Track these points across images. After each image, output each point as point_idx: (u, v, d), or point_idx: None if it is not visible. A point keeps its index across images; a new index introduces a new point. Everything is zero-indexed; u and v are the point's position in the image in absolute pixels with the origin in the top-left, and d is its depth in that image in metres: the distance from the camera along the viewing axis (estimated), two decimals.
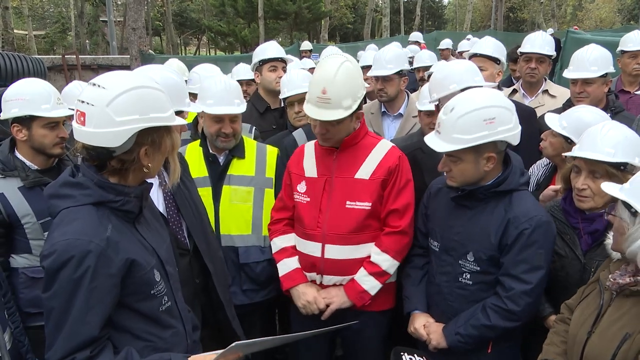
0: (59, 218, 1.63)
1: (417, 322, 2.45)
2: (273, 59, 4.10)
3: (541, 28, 25.19)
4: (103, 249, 1.58)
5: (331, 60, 2.48)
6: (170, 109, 1.72)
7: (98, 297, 1.58)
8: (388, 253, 2.55)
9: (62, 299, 1.56)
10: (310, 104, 2.46)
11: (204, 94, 2.91)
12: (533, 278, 2.16)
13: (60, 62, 12.66)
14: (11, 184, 2.63)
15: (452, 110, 2.16)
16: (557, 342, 2.07)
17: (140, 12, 12.87)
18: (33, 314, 2.66)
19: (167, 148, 1.75)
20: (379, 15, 33.82)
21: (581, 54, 3.40)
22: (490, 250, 2.22)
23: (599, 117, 2.51)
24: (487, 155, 2.16)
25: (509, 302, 2.18)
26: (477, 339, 2.26)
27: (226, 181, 2.94)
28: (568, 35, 7.09)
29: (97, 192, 1.65)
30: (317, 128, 2.52)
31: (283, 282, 2.69)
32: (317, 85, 2.42)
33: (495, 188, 2.23)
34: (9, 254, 2.68)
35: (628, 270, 1.81)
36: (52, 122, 2.67)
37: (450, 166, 2.23)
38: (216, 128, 2.88)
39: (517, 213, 2.18)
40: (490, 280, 2.27)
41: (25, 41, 30.29)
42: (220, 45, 34.08)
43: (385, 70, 3.87)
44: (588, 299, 1.97)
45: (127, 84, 1.64)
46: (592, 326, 1.85)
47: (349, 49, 12.87)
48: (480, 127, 2.11)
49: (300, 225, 2.67)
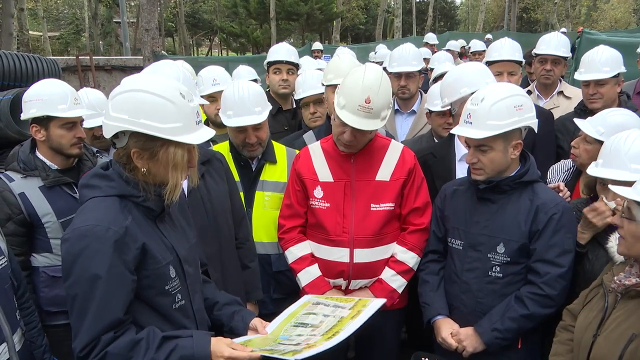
0: (84, 206, 1.70)
1: (443, 332, 2.42)
2: (277, 62, 4.13)
3: (554, 29, 24.98)
4: (121, 236, 1.63)
5: (370, 68, 2.43)
6: (176, 122, 1.66)
7: (118, 280, 1.62)
8: (414, 251, 2.59)
9: (84, 286, 1.59)
10: (348, 112, 2.38)
11: (224, 104, 2.83)
12: (565, 261, 2.22)
13: (74, 63, 12.79)
14: (32, 183, 2.67)
15: (482, 100, 2.25)
16: (562, 352, 2.07)
17: (153, 14, 12.97)
18: (53, 312, 2.70)
19: (164, 160, 1.69)
20: (391, 16, 33.73)
21: (592, 56, 3.39)
22: (522, 238, 2.27)
23: (636, 120, 2.47)
24: (514, 142, 2.27)
25: (545, 287, 2.21)
26: (515, 332, 2.27)
27: (259, 187, 2.88)
28: (583, 36, 7.01)
29: (121, 185, 1.71)
30: (346, 135, 2.44)
31: (308, 291, 2.57)
32: (360, 93, 2.35)
33: (519, 179, 2.31)
34: (30, 253, 2.71)
35: (632, 272, 1.82)
36: (69, 122, 2.69)
37: (479, 157, 2.28)
38: (241, 138, 2.81)
39: (544, 200, 2.27)
40: (520, 270, 2.30)
41: (40, 42, 30.62)
42: (232, 46, 34.18)
43: (410, 66, 3.88)
44: (592, 303, 1.97)
45: (135, 85, 1.69)
46: (597, 329, 1.86)
47: (361, 50, 12.87)
48: (512, 113, 2.23)
49: (323, 232, 2.59)
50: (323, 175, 2.61)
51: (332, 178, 2.59)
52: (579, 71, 3.45)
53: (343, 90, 2.43)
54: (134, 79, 1.74)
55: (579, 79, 3.41)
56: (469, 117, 2.27)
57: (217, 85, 3.59)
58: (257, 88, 2.90)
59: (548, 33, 4.31)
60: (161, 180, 1.74)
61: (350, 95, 2.38)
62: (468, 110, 2.30)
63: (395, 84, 3.94)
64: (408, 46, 4.07)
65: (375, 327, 2.58)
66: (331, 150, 2.63)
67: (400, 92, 3.94)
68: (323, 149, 2.66)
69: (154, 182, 1.75)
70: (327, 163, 2.62)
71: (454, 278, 2.46)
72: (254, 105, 2.77)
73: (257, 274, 2.79)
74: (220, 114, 2.86)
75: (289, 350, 1.77)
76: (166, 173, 1.72)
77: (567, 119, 3.46)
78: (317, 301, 2.31)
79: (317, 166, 2.63)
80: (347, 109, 2.38)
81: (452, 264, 2.49)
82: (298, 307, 2.23)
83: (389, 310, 2.57)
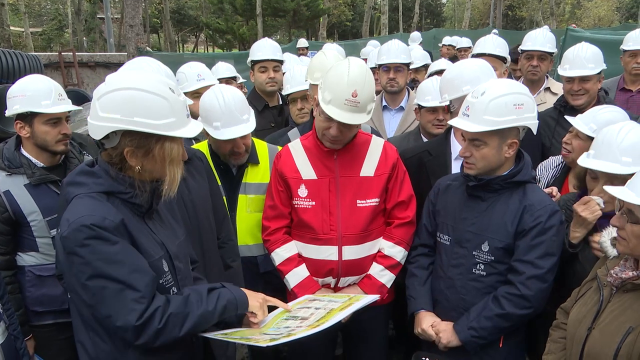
0: (72, 203, 1.67)
1: (424, 323, 2.45)
2: (263, 60, 4.08)
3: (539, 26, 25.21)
4: (117, 225, 1.63)
5: (354, 62, 2.40)
6: (169, 118, 1.66)
7: (132, 251, 1.65)
8: (401, 245, 2.59)
9: (104, 269, 1.59)
10: (334, 107, 2.34)
11: (207, 114, 2.68)
12: (546, 263, 2.21)
13: (57, 59, 12.62)
14: (17, 181, 2.62)
15: (483, 94, 2.23)
16: (554, 350, 2.08)
17: (137, 9, 12.84)
18: (40, 312, 2.66)
19: (159, 156, 1.69)
20: (378, 12, 33.77)
21: (576, 52, 3.41)
22: (507, 239, 2.27)
23: (624, 117, 2.50)
24: (510, 141, 2.24)
25: (522, 287, 2.21)
26: (491, 331, 2.27)
27: (242, 190, 2.84)
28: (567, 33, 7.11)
29: (108, 181, 1.69)
30: (332, 130, 2.41)
31: (297, 292, 2.54)
32: (346, 88, 2.32)
33: (511, 179, 2.29)
34: (15, 251, 2.67)
35: (628, 265, 1.83)
36: (54, 118, 2.64)
37: (473, 151, 2.27)
38: (229, 148, 2.73)
39: (532, 201, 2.25)
40: (503, 270, 2.30)
41: (22, 38, 30.15)
42: (218, 43, 33.98)
43: (399, 59, 3.89)
44: (585, 297, 1.98)
45: (123, 83, 1.65)
46: (592, 322, 1.86)
47: (348, 47, 12.84)
48: (511, 110, 2.19)
49: (309, 231, 2.56)
50: (306, 173, 2.57)
51: (316, 175, 2.55)
52: (562, 67, 3.46)
53: (328, 85, 2.39)
54: (120, 77, 1.71)
55: (564, 75, 3.42)
56: (467, 109, 2.26)
57: (202, 81, 3.51)
58: (239, 94, 2.79)
59: (534, 30, 4.35)
60: (157, 176, 1.74)
61: (336, 90, 2.34)
62: (467, 102, 2.28)
63: (385, 77, 3.97)
64: (396, 41, 4.10)
65: (362, 322, 2.60)
66: (313, 147, 2.59)
67: (389, 85, 3.94)
68: (304, 147, 2.62)
69: (150, 179, 1.74)
70: (310, 160, 2.58)
71: (440, 273, 2.48)
72: (241, 114, 2.70)
73: (239, 273, 2.75)
74: (204, 125, 2.66)
75: (266, 339, 1.78)
76: (163, 169, 1.72)
77: (547, 114, 3.49)
78: (314, 298, 2.31)
79: (300, 164, 2.58)
80: (334, 104, 2.35)
81: (439, 259, 2.50)
82: (294, 304, 2.23)
83: (376, 306, 2.55)
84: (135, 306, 1.60)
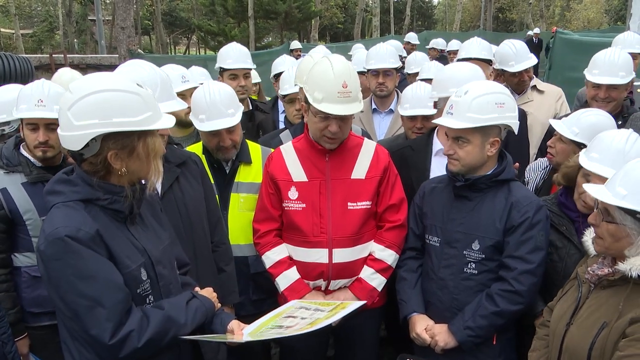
0: (50, 213, 1.67)
1: (418, 327, 2.45)
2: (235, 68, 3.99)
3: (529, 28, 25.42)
4: (92, 236, 1.61)
5: (334, 57, 2.46)
6: (146, 112, 1.65)
7: (106, 264, 1.63)
8: (392, 248, 2.59)
9: (76, 284, 1.58)
10: (328, 103, 2.36)
11: (195, 107, 2.75)
12: (536, 258, 2.26)
13: (48, 61, 12.58)
14: (14, 179, 2.62)
15: (466, 93, 2.30)
16: (539, 347, 2.14)
17: (129, 11, 12.82)
18: (37, 313, 2.65)
19: (144, 153, 1.69)
20: (369, 15, 33.89)
21: (609, 58, 3.20)
22: (496, 236, 2.32)
23: (610, 121, 2.53)
24: (492, 139, 2.31)
25: (515, 282, 2.25)
26: (487, 329, 2.30)
27: (234, 189, 2.85)
28: (557, 35, 7.18)
29: (85, 189, 1.67)
30: (331, 127, 2.41)
31: (287, 295, 2.53)
32: (335, 81, 2.36)
33: (496, 177, 2.36)
34: (11, 251, 2.67)
35: (605, 263, 1.89)
36: (31, 123, 2.61)
37: (456, 149, 2.32)
38: (215, 142, 2.76)
39: (518, 197, 2.32)
40: (494, 267, 2.34)
41: (12, 40, 30.01)
42: (210, 45, 33.85)
43: (387, 63, 3.91)
44: (567, 294, 2.04)
45: (92, 87, 1.62)
46: (570, 318, 1.92)
47: (339, 49, 12.88)
48: (493, 109, 2.27)
49: (299, 234, 2.56)
50: (297, 175, 2.57)
51: (307, 177, 2.55)
52: (590, 71, 3.25)
53: (315, 84, 2.39)
54: (85, 82, 1.67)
55: (593, 80, 3.20)
56: (451, 108, 2.32)
57: (187, 83, 3.47)
58: (229, 89, 2.83)
59: (518, 38, 4.31)
60: (142, 175, 1.75)
61: (325, 86, 2.36)
62: (451, 101, 2.35)
63: (374, 81, 3.99)
64: (384, 45, 4.12)
65: (354, 325, 2.59)
66: (304, 149, 2.59)
67: (378, 89, 3.97)
68: (296, 149, 2.61)
69: (133, 181, 1.73)
70: (301, 163, 2.58)
71: (431, 275, 2.49)
72: (227, 108, 2.73)
73: (233, 277, 2.75)
74: (192, 118, 2.79)
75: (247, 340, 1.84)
76: (148, 165, 1.72)
77: None
78: (301, 305, 2.32)
79: (290, 166, 2.58)
80: (327, 101, 2.36)
81: (429, 261, 2.52)
82: (281, 311, 2.24)
83: (368, 309, 2.57)
84: (106, 324, 1.58)
